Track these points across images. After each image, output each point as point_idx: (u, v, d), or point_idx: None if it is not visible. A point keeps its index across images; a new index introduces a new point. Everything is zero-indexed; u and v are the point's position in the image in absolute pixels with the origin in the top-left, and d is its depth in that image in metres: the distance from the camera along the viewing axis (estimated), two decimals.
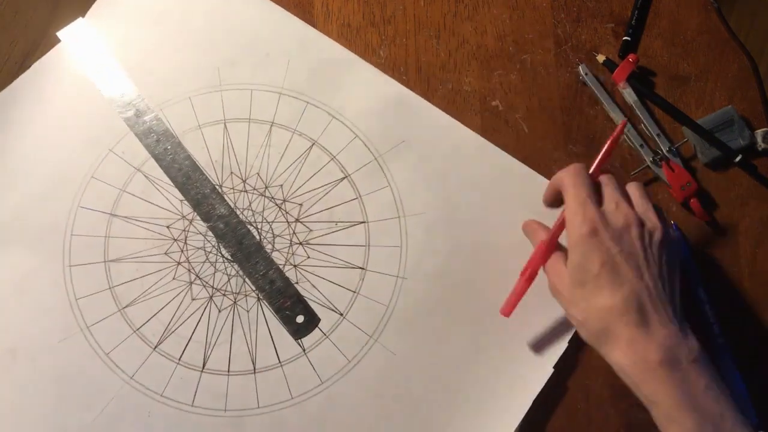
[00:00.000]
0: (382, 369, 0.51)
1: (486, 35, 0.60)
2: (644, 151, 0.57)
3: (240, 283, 0.53)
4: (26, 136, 0.56)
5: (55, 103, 0.57)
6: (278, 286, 0.53)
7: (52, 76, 0.58)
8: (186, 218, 0.54)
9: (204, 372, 0.51)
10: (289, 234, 0.54)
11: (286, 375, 0.51)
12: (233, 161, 0.56)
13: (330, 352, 0.52)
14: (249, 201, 0.55)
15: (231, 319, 0.52)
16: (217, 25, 0.59)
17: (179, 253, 0.53)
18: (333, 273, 0.53)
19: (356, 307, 0.53)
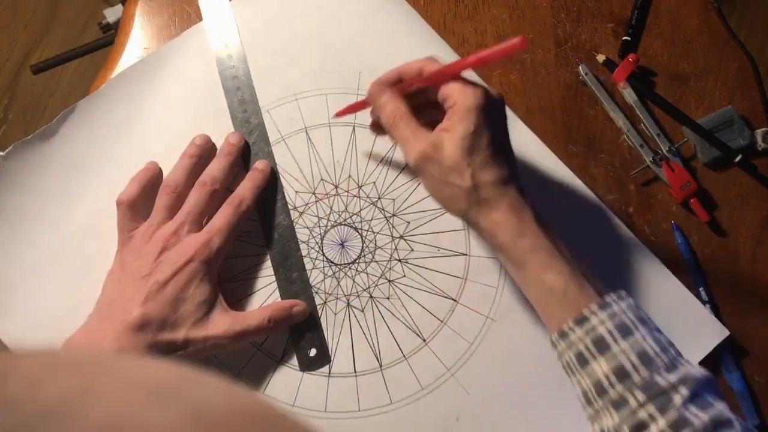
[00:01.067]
0: (453, 405, 0.50)
1: (486, 35, 0.60)
2: (644, 151, 0.57)
3: (350, 284, 0.53)
4: (161, 101, 0.55)
5: (194, 72, 0.56)
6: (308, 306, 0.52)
7: (194, 46, 0.57)
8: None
9: (331, 377, 0.51)
10: (391, 249, 0.54)
11: (358, 385, 0.51)
12: (353, 164, 0.55)
13: (405, 375, 0.51)
14: (360, 207, 0.54)
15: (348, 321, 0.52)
16: (367, 30, 0.58)
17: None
18: (424, 297, 0.53)
19: (440, 336, 0.52)
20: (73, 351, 0.41)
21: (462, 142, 0.44)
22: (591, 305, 0.43)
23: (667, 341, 0.43)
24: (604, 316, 0.42)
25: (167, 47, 0.56)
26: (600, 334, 0.42)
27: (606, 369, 0.41)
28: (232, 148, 0.53)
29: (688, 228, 0.57)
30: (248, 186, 0.52)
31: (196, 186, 0.51)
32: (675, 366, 0.41)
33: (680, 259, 0.56)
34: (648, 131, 0.58)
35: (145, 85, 0.56)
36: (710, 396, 0.41)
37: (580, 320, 0.43)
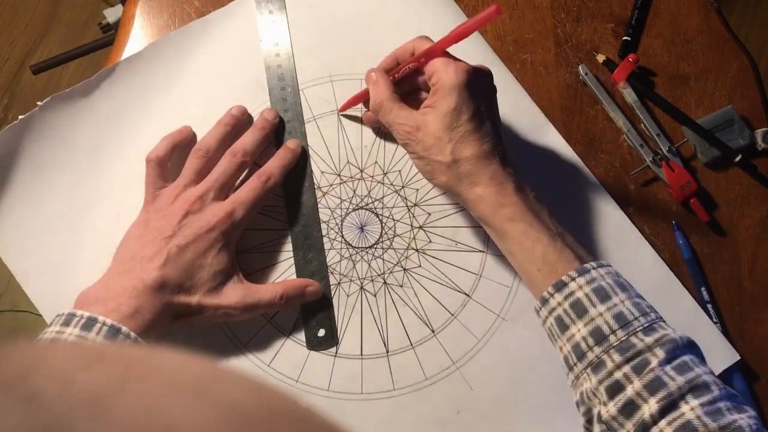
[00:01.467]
0: (455, 398, 0.51)
1: (486, 35, 0.59)
2: (644, 151, 0.57)
3: (365, 267, 0.54)
4: (201, 69, 0.56)
5: (236, 43, 0.57)
6: (322, 287, 0.53)
7: (241, 17, 0.57)
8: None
9: (337, 357, 0.51)
10: (409, 238, 0.54)
11: (363, 368, 0.51)
12: (381, 150, 0.56)
13: (411, 363, 0.52)
14: (383, 194, 0.55)
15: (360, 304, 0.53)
16: (409, 21, 0.58)
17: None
18: (438, 289, 0.53)
19: (449, 329, 0.52)
20: (105, 345, 0.41)
21: (443, 119, 0.46)
22: (570, 271, 0.44)
23: (648, 306, 0.44)
24: (583, 281, 0.43)
25: (213, 15, 0.57)
26: (578, 298, 0.43)
27: (584, 332, 0.42)
28: (266, 123, 0.54)
29: (688, 228, 0.57)
30: (278, 164, 0.53)
31: (226, 155, 0.51)
32: (653, 329, 0.42)
33: (681, 259, 0.56)
34: (648, 131, 0.58)
35: (187, 51, 0.56)
36: (690, 359, 0.41)
37: (559, 285, 0.44)
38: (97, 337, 0.43)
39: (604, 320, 0.42)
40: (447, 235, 0.54)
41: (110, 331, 0.43)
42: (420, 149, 0.48)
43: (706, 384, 0.40)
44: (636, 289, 0.45)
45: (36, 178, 0.53)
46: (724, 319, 0.55)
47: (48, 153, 0.53)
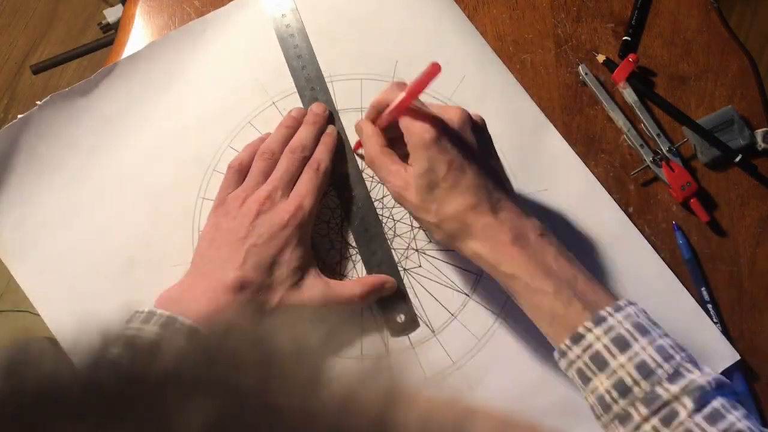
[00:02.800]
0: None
1: (486, 35, 0.59)
2: (644, 151, 0.57)
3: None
4: (201, 70, 0.56)
5: (237, 43, 0.57)
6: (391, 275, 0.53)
7: (242, 17, 0.57)
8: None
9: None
10: (409, 238, 0.54)
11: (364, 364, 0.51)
12: None
13: (410, 363, 0.51)
14: (383, 194, 0.55)
15: None
16: (410, 20, 0.58)
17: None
18: (438, 289, 0.53)
19: (450, 329, 0.52)
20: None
21: (420, 181, 0.45)
22: (585, 322, 0.41)
23: (673, 345, 0.41)
24: (600, 331, 0.41)
25: (213, 15, 0.57)
26: (597, 350, 0.41)
27: (607, 385, 0.40)
28: (317, 117, 0.54)
29: (688, 228, 0.57)
30: (322, 149, 0.53)
31: (286, 153, 0.52)
32: (679, 374, 0.39)
33: (681, 259, 0.56)
34: (648, 131, 0.58)
35: (187, 51, 0.56)
36: (722, 404, 0.39)
37: (576, 338, 0.42)
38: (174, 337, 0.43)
39: (627, 372, 0.40)
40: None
41: (189, 332, 0.43)
42: (410, 208, 0.47)
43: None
44: (660, 328, 0.42)
45: (35, 177, 0.53)
46: (724, 319, 0.55)
47: (47, 152, 0.54)
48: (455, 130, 0.45)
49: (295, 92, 0.56)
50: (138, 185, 0.52)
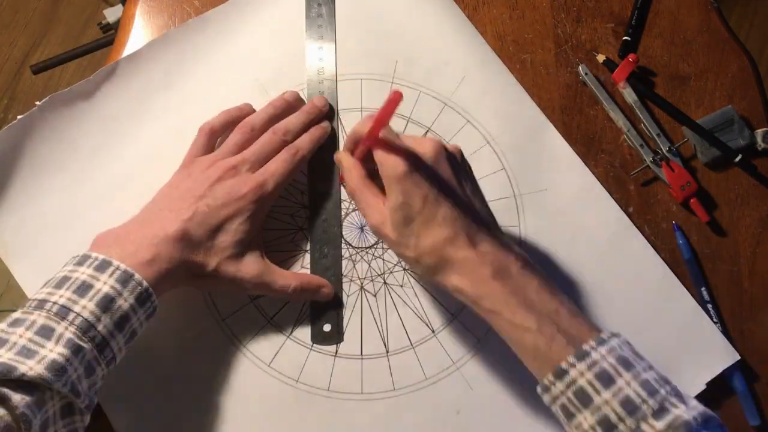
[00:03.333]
0: (455, 398, 0.51)
1: (486, 35, 0.59)
2: (644, 151, 0.57)
3: (365, 268, 0.54)
4: (201, 68, 0.56)
5: (238, 42, 0.57)
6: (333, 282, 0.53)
7: (242, 17, 0.58)
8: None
9: (337, 357, 0.52)
10: None
11: (363, 368, 0.51)
12: None
13: (411, 363, 0.52)
14: None
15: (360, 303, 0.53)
16: (410, 20, 0.58)
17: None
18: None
19: (450, 329, 0.52)
20: None
21: (394, 216, 0.44)
22: (568, 357, 0.40)
23: (658, 379, 0.40)
24: (583, 366, 0.40)
25: (213, 13, 0.57)
26: (581, 386, 0.40)
27: (591, 422, 0.39)
28: (314, 109, 0.54)
29: (688, 228, 0.57)
30: (307, 138, 0.53)
31: (269, 132, 0.52)
32: (664, 410, 0.38)
33: (681, 259, 0.56)
34: (648, 131, 0.58)
35: (187, 50, 0.56)
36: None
37: (559, 373, 0.40)
38: (109, 280, 0.43)
39: (611, 408, 0.39)
40: None
41: (123, 276, 0.43)
42: (389, 243, 0.46)
43: None
44: (644, 361, 0.41)
45: (36, 178, 0.53)
46: (724, 319, 0.55)
47: (48, 153, 0.54)
48: (430, 162, 0.44)
49: (305, 90, 0.56)
50: (139, 185, 0.51)
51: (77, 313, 0.41)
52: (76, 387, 0.40)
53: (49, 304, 0.41)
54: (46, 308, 0.41)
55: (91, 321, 0.41)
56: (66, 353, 0.40)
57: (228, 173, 0.49)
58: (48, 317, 0.41)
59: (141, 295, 0.43)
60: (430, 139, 0.45)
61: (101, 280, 0.43)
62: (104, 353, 0.42)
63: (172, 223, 0.46)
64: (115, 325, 0.42)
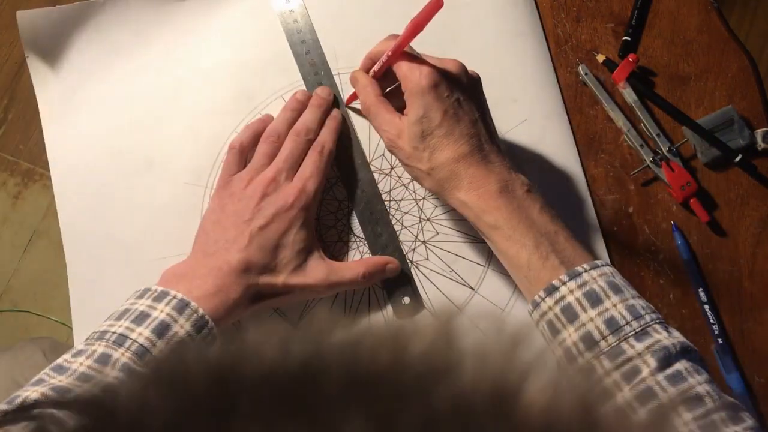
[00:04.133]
0: None
1: None
2: (644, 151, 0.57)
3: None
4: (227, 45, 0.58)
5: (258, 24, 0.58)
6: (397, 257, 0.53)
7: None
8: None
9: None
10: (416, 230, 0.55)
11: None
12: (373, 142, 0.56)
13: None
14: (390, 186, 0.55)
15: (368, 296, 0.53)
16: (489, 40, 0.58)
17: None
18: (444, 282, 0.54)
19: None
20: None
21: (414, 127, 0.45)
22: (561, 275, 0.42)
23: (644, 307, 0.42)
24: (574, 285, 0.42)
25: None
26: (569, 302, 0.42)
27: (575, 337, 0.41)
28: (321, 101, 0.55)
29: (688, 228, 0.56)
30: (326, 132, 0.54)
31: (290, 135, 0.53)
32: (646, 333, 0.40)
33: (680, 260, 0.56)
34: (648, 131, 0.58)
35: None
36: (685, 368, 0.40)
37: (550, 290, 0.43)
38: (165, 308, 0.44)
39: (595, 325, 0.41)
40: (454, 227, 0.54)
41: (179, 304, 0.44)
42: (402, 156, 0.47)
43: (699, 396, 0.39)
44: (633, 290, 0.43)
45: (103, 56, 0.56)
46: (723, 319, 0.55)
47: (121, 38, 0.57)
48: (452, 79, 0.46)
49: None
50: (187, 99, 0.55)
51: (133, 339, 0.42)
52: None
53: (109, 334, 0.43)
54: (105, 338, 0.43)
55: (147, 346, 0.42)
56: (120, 376, 0.40)
57: (269, 187, 0.50)
58: (107, 346, 0.42)
59: (197, 321, 0.44)
60: (453, 59, 0.47)
61: (158, 309, 0.44)
62: None
63: (232, 254, 0.47)
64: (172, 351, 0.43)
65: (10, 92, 1.36)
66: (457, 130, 0.45)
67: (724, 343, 0.54)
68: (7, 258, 0.55)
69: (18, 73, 0.58)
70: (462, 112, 0.45)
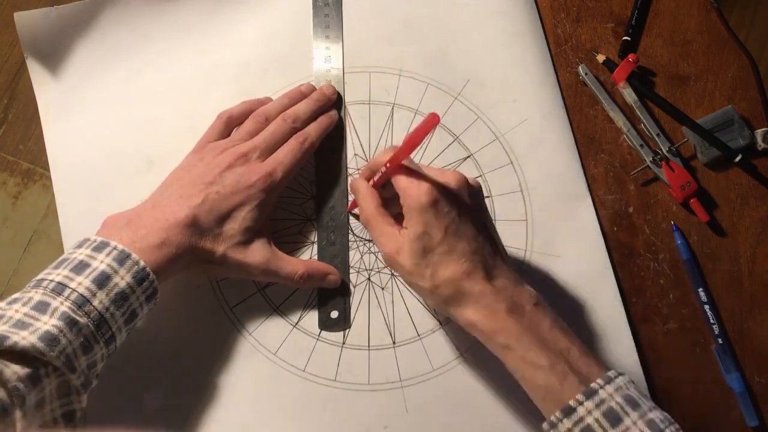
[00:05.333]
0: (461, 389, 0.51)
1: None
2: (644, 151, 0.57)
3: (373, 260, 0.54)
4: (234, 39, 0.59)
5: (269, 20, 0.59)
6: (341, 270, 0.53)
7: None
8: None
9: (344, 347, 0.52)
10: None
11: (371, 359, 0.52)
12: (372, 143, 0.56)
13: (417, 354, 0.52)
14: None
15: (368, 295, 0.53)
16: (486, 39, 0.59)
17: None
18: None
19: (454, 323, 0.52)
20: None
21: (413, 244, 0.44)
22: (577, 395, 0.40)
23: (663, 419, 0.40)
24: (591, 405, 0.40)
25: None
26: (588, 425, 0.40)
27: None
28: (323, 97, 0.55)
29: (688, 228, 0.56)
30: (315, 126, 0.54)
31: (278, 119, 0.53)
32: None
33: (680, 260, 0.56)
34: (648, 131, 0.58)
35: None
36: None
37: (567, 411, 0.40)
38: (106, 259, 0.43)
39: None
40: None
41: (119, 255, 0.44)
42: (403, 273, 0.46)
43: None
44: (649, 401, 0.41)
45: (102, 57, 0.57)
46: (723, 319, 0.55)
47: (118, 38, 0.57)
48: (452, 194, 0.44)
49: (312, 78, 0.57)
50: (187, 99, 0.55)
51: (73, 288, 0.42)
52: (72, 362, 0.41)
53: (46, 282, 0.42)
54: (42, 286, 0.42)
55: (87, 296, 0.42)
56: (59, 325, 0.40)
57: (238, 160, 0.49)
58: (44, 293, 0.41)
59: (138, 273, 0.44)
60: (453, 171, 0.45)
61: (98, 259, 0.43)
62: (101, 330, 0.42)
63: (182, 208, 0.47)
64: (112, 302, 0.43)
65: (10, 92, 1.36)
66: (459, 247, 0.43)
67: (724, 343, 0.54)
68: (7, 258, 0.55)
69: (18, 73, 0.58)
70: (464, 227, 0.44)
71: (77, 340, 0.41)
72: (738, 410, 0.53)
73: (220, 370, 0.51)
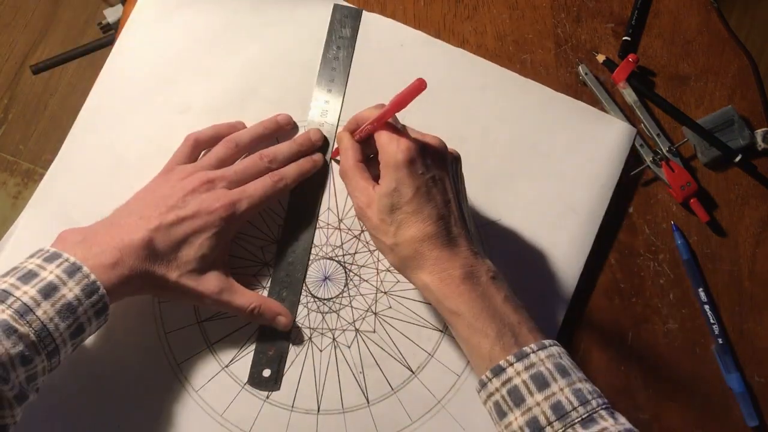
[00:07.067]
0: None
1: (486, 35, 0.60)
2: (644, 151, 0.57)
3: (335, 318, 0.52)
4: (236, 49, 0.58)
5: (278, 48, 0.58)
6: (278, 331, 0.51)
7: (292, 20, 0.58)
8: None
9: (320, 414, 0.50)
10: (377, 282, 0.53)
11: (347, 422, 0.50)
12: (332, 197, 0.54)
13: (394, 409, 0.50)
14: (342, 241, 0.53)
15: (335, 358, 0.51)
16: None
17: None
18: (411, 329, 0.52)
19: (429, 368, 0.51)
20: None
21: (383, 200, 0.44)
22: (508, 356, 0.41)
23: (591, 391, 0.40)
24: (521, 366, 0.40)
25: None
26: (515, 385, 0.40)
27: (521, 422, 0.40)
28: (307, 141, 0.54)
29: (688, 228, 0.57)
30: (294, 168, 0.53)
31: (255, 155, 0.52)
32: (592, 420, 0.39)
33: (680, 260, 0.56)
34: (648, 131, 0.58)
35: None
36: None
37: (497, 370, 0.41)
38: (55, 270, 0.42)
39: (541, 410, 0.39)
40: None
41: (70, 267, 0.42)
42: (369, 226, 0.46)
43: None
44: (580, 372, 0.41)
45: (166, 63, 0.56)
46: (723, 319, 0.55)
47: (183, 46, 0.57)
48: (432, 157, 0.45)
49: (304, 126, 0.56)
50: (192, 102, 0.54)
51: (17, 297, 0.40)
52: (7, 372, 0.39)
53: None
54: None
55: (30, 305, 0.40)
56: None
57: (203, 186, 0.48)
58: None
59: (87, 287, 0.42)
60: (434, 136, 0.46)
61: (48, 269, 0.42)
62: (44, 341, 0.41)
63: (138, 230, 0.46)
64: (57, 313, 0.41)
65: (10, 92, 1.36)
66: (426, 209, 0.44)
67: (724, 343, 0.54)
68: None
69: (18, 73, 0.58)
70: (435, 191, 0.44)
71: (14, 349, 0.39)
72: (738, 410, 0.53)
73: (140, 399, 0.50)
